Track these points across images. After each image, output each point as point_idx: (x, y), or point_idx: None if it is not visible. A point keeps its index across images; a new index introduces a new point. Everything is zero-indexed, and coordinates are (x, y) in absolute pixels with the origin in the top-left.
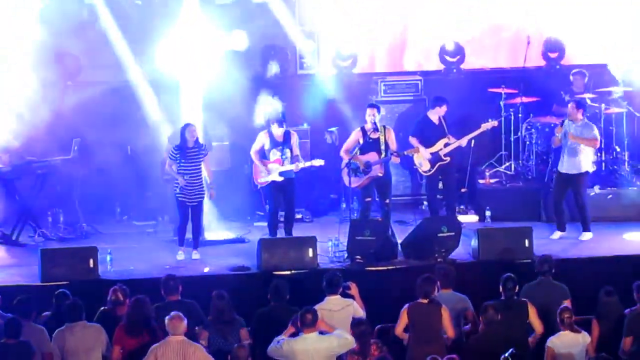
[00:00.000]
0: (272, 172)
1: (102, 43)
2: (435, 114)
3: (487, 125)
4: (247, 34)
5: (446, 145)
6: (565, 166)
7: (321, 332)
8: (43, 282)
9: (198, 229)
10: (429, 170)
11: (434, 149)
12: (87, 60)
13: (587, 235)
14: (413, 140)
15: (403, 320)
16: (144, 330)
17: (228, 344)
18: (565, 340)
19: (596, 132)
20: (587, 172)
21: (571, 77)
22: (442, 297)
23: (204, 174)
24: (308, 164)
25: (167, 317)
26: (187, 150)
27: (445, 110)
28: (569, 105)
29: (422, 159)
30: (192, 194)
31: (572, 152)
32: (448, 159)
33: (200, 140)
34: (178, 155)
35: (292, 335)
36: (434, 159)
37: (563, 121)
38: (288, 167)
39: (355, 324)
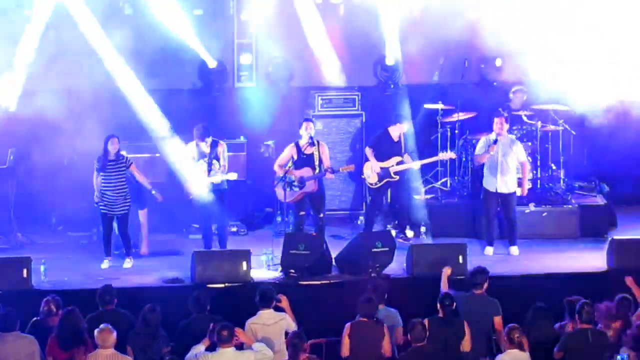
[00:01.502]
0: (200, 183)
1: (45, 52)
2: (396, 130)
3: (444, 155)
4: (185, 46)
5: (398, 163)
6: (498, 185)
7: (237, 347)
8: None
9: (126, 239)
10: (376, 184)
11: (385, 164)
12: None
13: (516, 250)
14: (368, 152)
15: (346, 341)
16: (75, 342)
17: (152, 357)
18: (514, 359)
19: (524, 151)
20: (514, 192)
21: (511, 95)
22: None
23: (143, 181)
24: (225, 177)
25: (96, 330)
26: (108, 163)
27: (406, 127)
28: (496, 120)
29: (370, 171)
30: (114, 205)
31: (505, 171)
32: (397, 177)
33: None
34: (98, 167)
35: (208, 347)
36: (382, 174)
37: (496, 140)
38: (210, 179)
39: (291, 336)
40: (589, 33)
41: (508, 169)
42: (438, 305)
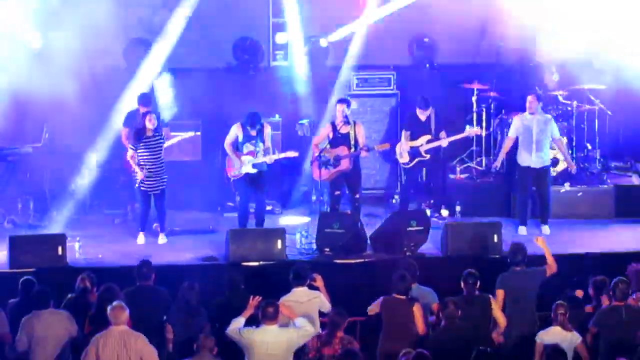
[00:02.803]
0: (245, 165)
1: (74, 27)
2: (422, 113)
3: (471, 131)
4: (221, 24)
5: (428, 142)
6: (533, 161)
7: (282, 325)
8: (11, 269)
9: (162, 215)
10: (408, 164)
11: (414, 143)
12: (56, 46)
13: (547, 229)
14: (404, 134)
15: (376, 306)
16: None
17: (191, 334)
18: (553, 336)
19: (557, 129)
20: (550, 165)
21: (544, 74)
22: None
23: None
24: (282, 155)
25: (109, 307)
26: (147, 139)
27: (430, 112)
28: (529, 98)
29: (403, 150)
30: (153, 182)
31: (540, 147)
32: (428, 156)
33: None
34: (133, 142)
35: (249, 321)
36: (413, 153)
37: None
38: (261, 159)
39: (333, 313)
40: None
41: (543, 146)
42: (462, 283)
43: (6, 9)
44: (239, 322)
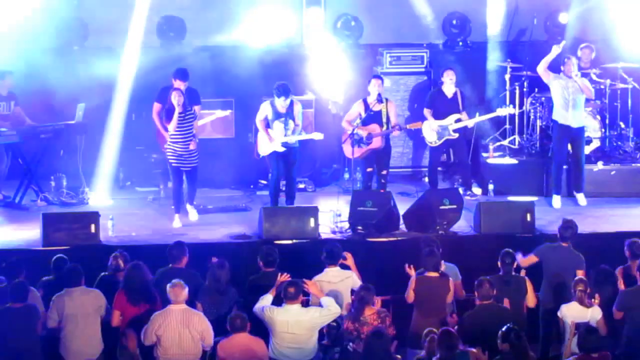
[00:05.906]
0: (274, 142)
1: (110, 7)
2: (449, 88)
3: (503, 111)
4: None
5: (456, 121)
6: (570, 119)
7: (303, 304)
8: (44, 247)
9: (193, 190)
10: (435, 142)
11: (443, 122)
12: (94, 26)
13: (582, 198)
14: (426, 112)
15: (412, 292)
16: (143, 297)
17: (221, 313)
18: (573, 312)
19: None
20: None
21: (579, 52)
22: None
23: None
24: (308, 136)
25: (168, 285)
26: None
27: (456, 89)
28: (568, 61)
29: (429, 130)
30: (185, 159)
31: (576, 106)
32: (456, 135)
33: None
34: (166, 119)
35: (274, 299)
36: (441, 132)
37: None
38: (290, 138)
39: (360, 289)
40: None
41: (578, 104)
42: (499, 263)
43: None
44: (266, 299)
